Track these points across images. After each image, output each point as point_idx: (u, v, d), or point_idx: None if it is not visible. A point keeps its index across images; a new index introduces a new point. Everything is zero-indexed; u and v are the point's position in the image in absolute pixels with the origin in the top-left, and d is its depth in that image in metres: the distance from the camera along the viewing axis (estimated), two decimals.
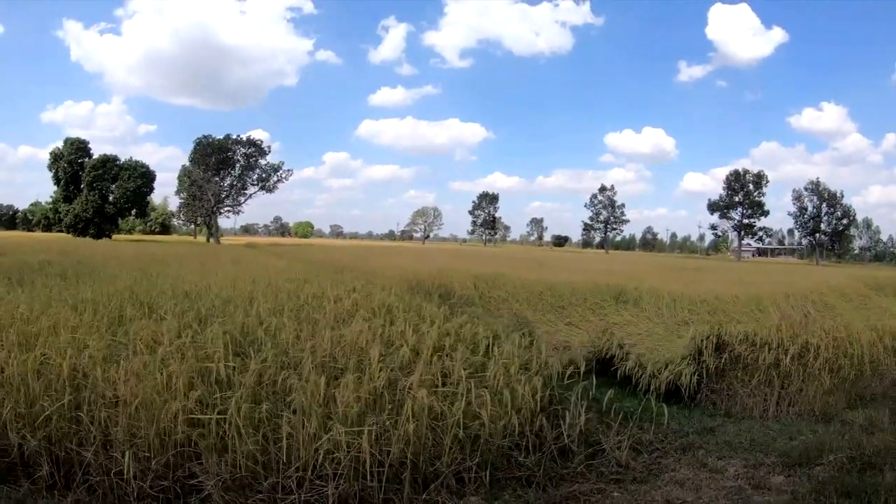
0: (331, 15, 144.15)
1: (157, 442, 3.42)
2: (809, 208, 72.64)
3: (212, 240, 72.67)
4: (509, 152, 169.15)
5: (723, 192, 75.70)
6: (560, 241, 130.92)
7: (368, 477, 3.29)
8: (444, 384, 3.94)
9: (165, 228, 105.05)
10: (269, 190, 61.80)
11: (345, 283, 9.79)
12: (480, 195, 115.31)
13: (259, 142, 62.78)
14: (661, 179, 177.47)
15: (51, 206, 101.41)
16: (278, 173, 62.09)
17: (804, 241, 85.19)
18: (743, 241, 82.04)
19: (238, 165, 63.23)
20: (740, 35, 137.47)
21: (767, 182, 75.42)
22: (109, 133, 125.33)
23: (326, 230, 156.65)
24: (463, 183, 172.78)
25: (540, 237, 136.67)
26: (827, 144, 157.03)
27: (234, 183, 65.35)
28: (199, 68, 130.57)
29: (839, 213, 71.40)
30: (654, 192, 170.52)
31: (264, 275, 11.24)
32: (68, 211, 68.35)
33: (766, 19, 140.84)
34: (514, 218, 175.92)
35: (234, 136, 62.72)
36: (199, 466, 3.41)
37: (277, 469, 3.35)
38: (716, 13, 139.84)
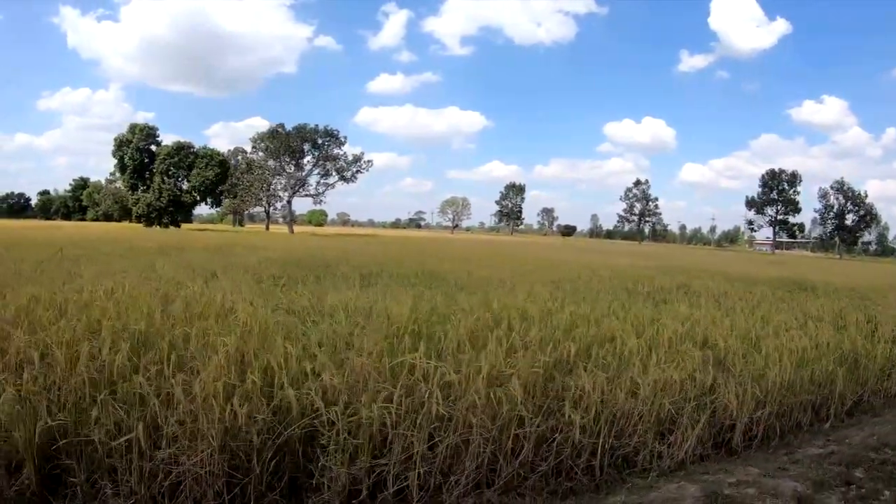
0: (331, 0, 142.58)
1: None
2: (835, 206, 79.08)
3: (271, 228, 76.80)
4: (508, 141, 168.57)
5: (759, 190, 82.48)
6: (568, 231, 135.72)
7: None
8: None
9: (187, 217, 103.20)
10: (349, 180, 64.63)
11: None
12: (507, 186, 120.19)
13: (335, 131, 64.82)
14: (659, 170, 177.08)
15: (67, 192, 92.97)
16: (359, 164, 64.75)
17: (813, 236, 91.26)
18: (759, 236, 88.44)
19: (314, 155, 65.92)
20: (743, 26, 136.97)
21: (801, 181, 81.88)
22: (107, 120, 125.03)
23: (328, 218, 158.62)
24: (460, 171, 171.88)
25: (550, 226, 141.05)
26: (826, 137, 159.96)
27: (299, 174, 66.81)
28: (197, 55, 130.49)
29: (862, 211, 77.98)
30: (652, 182, 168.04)
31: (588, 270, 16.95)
32: (138, 200, 65.54)
33: (769, 10, 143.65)
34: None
35: (311, 126, 64.98)
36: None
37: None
38: (719, 3, 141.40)
